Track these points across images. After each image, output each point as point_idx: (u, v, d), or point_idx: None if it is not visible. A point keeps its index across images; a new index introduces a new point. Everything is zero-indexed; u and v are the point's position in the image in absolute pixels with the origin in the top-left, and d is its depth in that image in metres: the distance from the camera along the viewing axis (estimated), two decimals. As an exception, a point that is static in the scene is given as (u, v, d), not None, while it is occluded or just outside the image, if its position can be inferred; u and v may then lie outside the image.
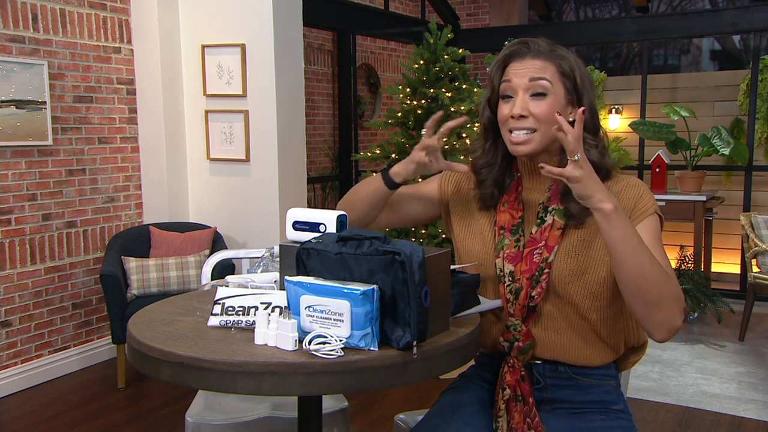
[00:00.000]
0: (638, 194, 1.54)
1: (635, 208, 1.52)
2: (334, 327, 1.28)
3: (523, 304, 1.54)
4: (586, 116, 1.54)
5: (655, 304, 1.39)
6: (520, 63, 1.54)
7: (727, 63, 10.37)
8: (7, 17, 3.56)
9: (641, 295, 1.39)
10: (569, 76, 1.53)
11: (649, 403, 3.46)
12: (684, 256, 4.88)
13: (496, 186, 1.63)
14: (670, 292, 1.39)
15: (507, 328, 1.56)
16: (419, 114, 4.09)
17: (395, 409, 3.19)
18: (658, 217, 1.53)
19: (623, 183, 1.57)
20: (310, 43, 6.16)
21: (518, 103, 1.51)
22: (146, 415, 3.35)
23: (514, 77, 1.53)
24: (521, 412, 1.52)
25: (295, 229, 1.55)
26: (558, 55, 1.54)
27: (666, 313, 1.39)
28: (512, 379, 1.55)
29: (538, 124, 1.51)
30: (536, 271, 1.53)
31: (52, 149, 3.80)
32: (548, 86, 1.51)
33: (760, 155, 5.82)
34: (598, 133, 1.58)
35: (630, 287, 1.39)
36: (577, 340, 1.56)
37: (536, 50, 1.54)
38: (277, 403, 2.05)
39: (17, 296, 3.67)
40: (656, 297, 1.38)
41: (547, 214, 1.56)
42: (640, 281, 1.37)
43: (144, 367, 1.37)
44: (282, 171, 4.12)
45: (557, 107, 1.51)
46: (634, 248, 1.37)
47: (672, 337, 1.43)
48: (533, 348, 1.56)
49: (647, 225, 1.50)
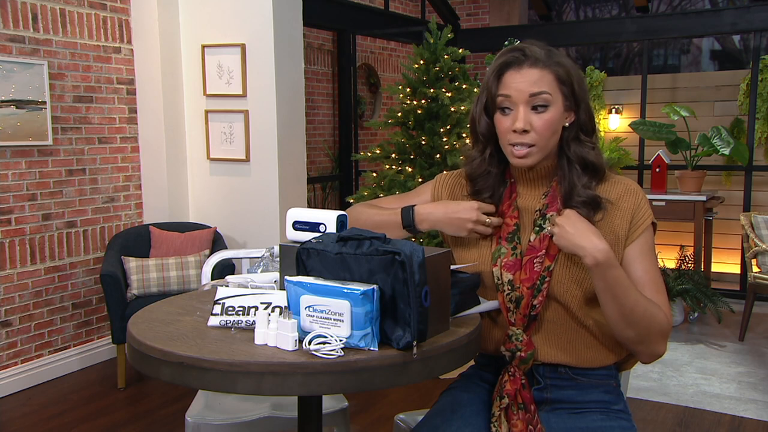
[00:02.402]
0: (637, 203, 1.55)
1: (633, 218, 1.53)
2: (334, 327, 1.28)
3: (524, 313, 1.54)
4: (584, 118, 1.55)
5: (639, 339, 1.48)
6: (518, 73, 1.51)
7: (727, 63, 10.38)
8: (7, 17, 3.56)
9: (627, 330, 1.47)
10: (567, 82, 1.52)
11: (649, 403, 3.46)
12: (684, 256, 4.88)
13: (492, 195, 1.63)
14: (655, 328, 1.47)
15: (509, 337, 1.56)
16: (419, 114, 4.09)
17: (395, 409, 3.19)
18: (653, 225, 1.56)
19: (622, 187, 1.57)
20: (310, 43, 6.16)
21: (520, 118, 1.50)
22: (146, 415, 3.35)
23: (514, 91, 1.50)
24: (523, 420, 1.52)
25: (295, 229, 1.55)
26: (555, 62, 1.52)
27: (651, 345, 1.50)
28: (512, 389, 1.54)
29: (538, 137, 1.51)
30: (537, 280, 1.52)
31: (52, 149, 3.80)
32: (549, 98, 1.50)
33: (760, 155, 5.82)
34: (595, 133, 1.58)
35: (616, 325, 1.48)
36: (577, 345, 1.56)
37: (533, 58, 1.51)
38: (277, 403, 2.05)
39: (17, 296, 3.67)
40: (642, 332, 1.47)
41: (546, 221, 1.55)
42: (626, 320, 1.46)
43: (144, 367, 1.37)
44: (282, 171, 4.12)
45: (558, 117, 1.52)
46: (623, 291, 1.43)
47: (655, 360, 1.53)
48: (534, 357, 1.55)
49: (643, 239, 1.54)
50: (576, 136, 1.55)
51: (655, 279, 1.52)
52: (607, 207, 1.53)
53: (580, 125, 1.55)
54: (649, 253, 1.53)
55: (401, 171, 4.10)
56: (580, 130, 1.55)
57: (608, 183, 1.57)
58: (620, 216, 1.53)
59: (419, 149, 4.08)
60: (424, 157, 4.07)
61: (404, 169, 4.09)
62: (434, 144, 4.01)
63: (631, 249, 1.53)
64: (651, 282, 1.51)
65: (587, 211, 1.52)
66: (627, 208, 1.54)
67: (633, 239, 1.53)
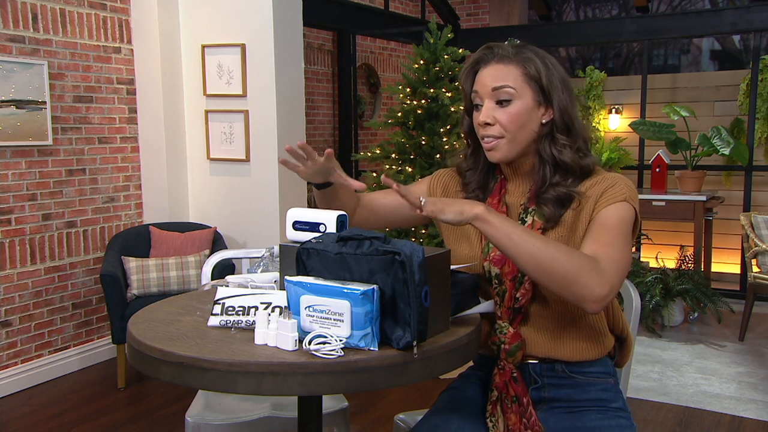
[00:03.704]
0: (610, 184, 1.51)
1: (603, 194, 1.50)
2: (334, 327, 1.28)
3: (508, 306, 1.55)
4: (556, 116, 1.54)
5: (565, 282, 1.37)
6: (485, 70, 1.55)
7: (727, 63, 10.37)
8: (7, 17, 3.56)
9: (548, 278, 1.38)
10: (535, 78, 1.52)
11: (649, 403, 3.46)
12: (684, 256, 4.88)
13: (481, 189, 1.65)
14: (573, 266, 1.37)
15: (494, 330, 1.57)
16: (419, 114, 4.09)
17: (395, 409, 3.19)
18: (632, 208, 1.49)
19: (599, 177, 1.55)
20: (310, 43, 6.16)
21: (483, 112, 1.54)
22: (146, 415, 3.35)
23: (480, 86, 1.55)
24: (517, 413, 1.53)
25: (295, 229, 1.55)
26: (523, 58, 1.53)
27: (581, 285, 1.37)
28: (500, 381, 1.55)
29: (504, 130, 1.53)
30: (518, 272, 1.53)
31: (52, 149, 3.79)
32: (512, 92, 1.51)
33: (760, 155, 5.82)
34: (572, 132, 1.55)
35: (534, 275, 1.40)
36: (568, 336, 1.57)
37: (500, 55, 1.54)
38: (277, 403, 2.05)
39: (17, 296, 3.67)
40: (563, 275, 1.37)
41: (528, 216, 1.55)
42: (540, 267, 1.38)
43: (144, 367, 1.37)
44: (282, 171, 4.12)
45: (524, 111, 1.52)
46: (519, 238, 1.38)
47: (602, 306, 1.39)
48: (521, 349, 1.55)
49: (611, 210, 1.47)
50: (549, 134, 1.55)
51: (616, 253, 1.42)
52: (583, 202, 1.52)
53: (554, 123, 1.55)
54: (614, 228, 1.45)
55: (401, 171, 4.10)
56: (555, 129, 1.55)
57: (590, 178, 1.55)
58: (590, 203, 1.51)
59: (419, 149, 4.08)
60: (424, 157, 4.07)
61: (404, 169, 4.09)
62: (434, 144, 4.01)
63: (592, 221, 1.49)
64: (598, 248, 1.43)
65: (554, 208, 1.52)
66: (598, 190, 1.51)
67: (597, 212, 1.49)
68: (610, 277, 1.39)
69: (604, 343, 1.61)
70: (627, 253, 1.45)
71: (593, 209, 1.50)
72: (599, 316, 1.59)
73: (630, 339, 1.71)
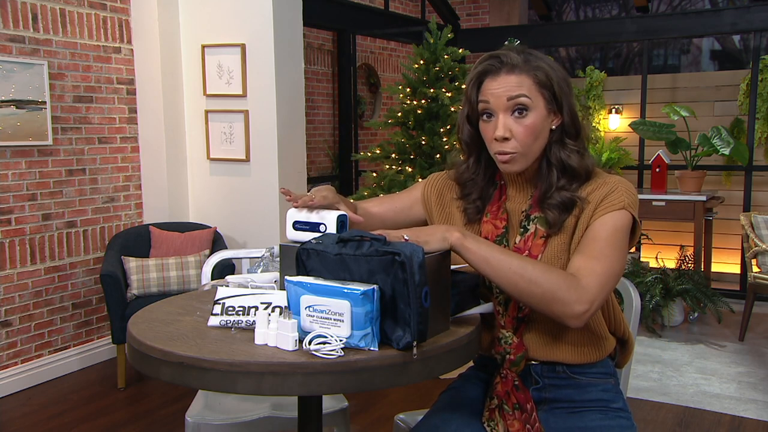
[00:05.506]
0: (609, 190, 1.50)
1: (603, 200, 1.49)
2: (334, 327, 1.28)
3: (513, 315, 1.54)
4: (566, 121, 1.53)
5: (544, 300, 1.39)
6: (495, 81, 1.50)
7: (727, 63, 10.38)
8: (7, 17, 3.56)
9: (527, 298, 1.41)
10: (547, 85, 1.50)
11: (649, 403, 3.46)
12: (684, 256, 4.88)
13: (481, 198, 1.63)
14: (550, 285, 1.38)
15: (499, 340, 1.56)
16: (419, 114, 4.09)
17: (395, 409, 3.19)
18: (629, 215, 1.48)
19: (600, 181, 1.54)
20: (310, 43, 6.16)
21: (500, 126, 1.49)
22: (146, 415, 3.35)
23: (492, 98, 1.50)
24: (521, 420, 1.52)
25: (295, 229, 1.55)
26: (533, 66, 1.50)
27: (560, 303, 1.39)
28: (502, 390, 1.55)
29: (519, 144, 1.50)
30: None
31: (52, 149, 3.80)
32: (528, 102, 1.48)
33: (760, 155, 5.82)
34: (579, 136, 1.55)
35: (514, 295, 1.42)
36: (568, 340, 1.56)
37: (510, 65, 1.50)
38: (277, 403, 2.05)
39: (17, 296, 3.67)
40: (541, 294, 1.39)
41: (530, 223, 1.54)
42: (518, 288, 1.40)
43: (144, 367, 1.37)
44: (282, 171, 4.12)
45: (539, 121, 1.50)
46: (497, 261, 1.40)
47: (584, 322, 1.41)
48: (525, 359, 1.55)
49: (607, 219, 1.47)
50: (560, 139, 1.54)
51: (607, 264, 1.42)
52: (585, 207, 1.51)
53: (564, 128, 1.53)
54: (609, 237, 1.45)
55: (401, 171, 4.10)
56: (565, 134, 1.54)
57: (594, 183, 1.54)
58: (590, 208, 1.51)
59: (419, 149, 4.08)
60: (424, 157, 4.07)
61: (404, 169, 4.09)
62: (434, 144, 4.01)
63: (587, 229, 1.49)
64: (582, 262, 1.44)
65: (559, 213, 1.51)
66: (598, 196, 1.50)
67: (595, 219, 1.48)
68: (590, 292, 1.40)
69: (604, 346, 1.61)
70: (615, 262, 1.45)
71: (592, 216, 1.49)
72: (599, 319, 1.59)
73: (631, 340, 1.71)
